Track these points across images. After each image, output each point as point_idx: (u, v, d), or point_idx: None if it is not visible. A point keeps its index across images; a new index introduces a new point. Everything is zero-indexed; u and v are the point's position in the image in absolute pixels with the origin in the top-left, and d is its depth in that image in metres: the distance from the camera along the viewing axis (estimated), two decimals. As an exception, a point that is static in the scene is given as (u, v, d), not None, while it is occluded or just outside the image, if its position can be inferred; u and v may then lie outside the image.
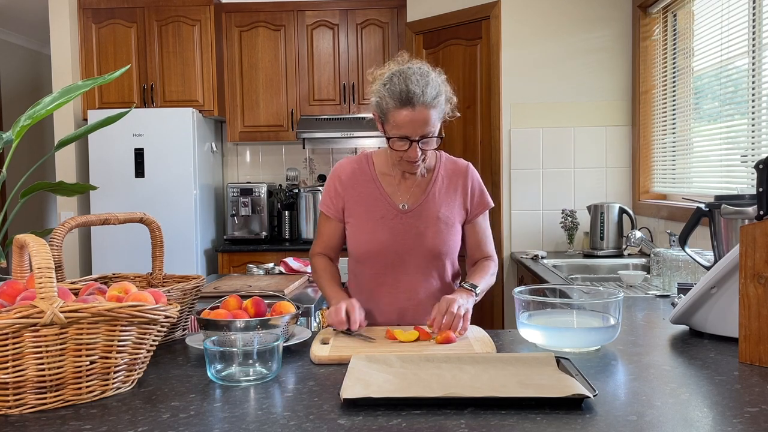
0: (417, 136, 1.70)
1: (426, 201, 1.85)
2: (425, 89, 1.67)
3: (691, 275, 2.28)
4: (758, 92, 2.60)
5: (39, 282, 1.10)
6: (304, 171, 5.04)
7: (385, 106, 1.71)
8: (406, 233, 1.83)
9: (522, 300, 1.55)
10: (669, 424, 1.04)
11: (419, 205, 1.84)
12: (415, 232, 1.83)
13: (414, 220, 1.83)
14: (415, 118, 1.68)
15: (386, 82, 1.71)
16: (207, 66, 4.51)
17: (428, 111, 1.68)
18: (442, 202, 1.85)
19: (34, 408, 1.13)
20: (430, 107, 1.68)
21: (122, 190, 4.32)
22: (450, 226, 1.85)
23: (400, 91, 1.67)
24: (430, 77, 1.71)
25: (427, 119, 1.69)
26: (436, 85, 1.71)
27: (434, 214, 1.84)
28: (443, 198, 1.86)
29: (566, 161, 3.87)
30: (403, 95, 1.67)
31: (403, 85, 1.67)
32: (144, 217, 1.69)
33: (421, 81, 1.68)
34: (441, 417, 1.07)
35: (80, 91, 2.26)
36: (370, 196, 1.86)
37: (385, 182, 1.87)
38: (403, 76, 1.69)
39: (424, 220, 1.83)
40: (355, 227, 1.87)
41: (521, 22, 3.82)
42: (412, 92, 1.66)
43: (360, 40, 4.69)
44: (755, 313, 1.35)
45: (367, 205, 1.86)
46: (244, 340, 1.36)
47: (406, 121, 1.68)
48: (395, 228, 1.83)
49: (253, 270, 3.21)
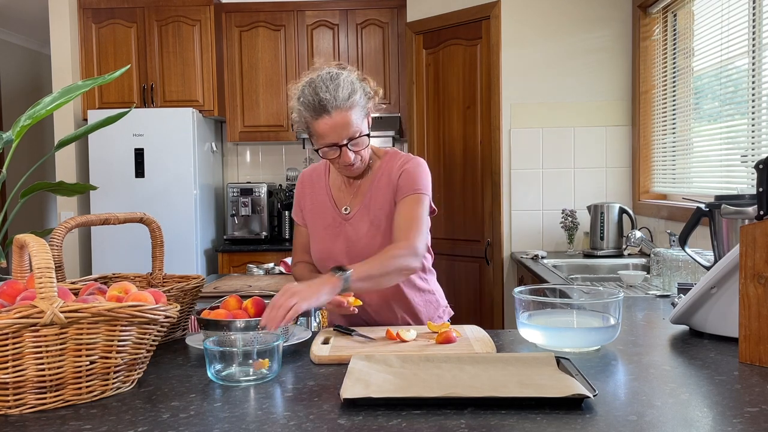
0: (343, 140, 1.68)
1: (362, 205, 1.82)
2: (336, 93, 1.65)
3: (691, 275, 2.28)
4: (758, 92, 2.60)
5: (39, 282, 1.10)
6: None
7: (305, 120, 1.70)
8: (348, 239, 1.81)
9: (522, 300, 1.55)
10: (669, 424, 1.04)
11: (357, 210, 1.82)
12: (354, 238, 1.81)
13: (353, 226, 1.82)
14: (335, 123, 1.66)
15: (299, 95, 1.70)
16: (207, 66, 4.51)
17: (345, 113, 1.66)
18: (377, 204, 1.80)
19: (34, 408, 1.13)
20: (346, 109, 1.66)
21: (122, 190, 4.32)
22: (381, 227, 1.79)
23: (312, 101, 1.66)
24: (339, 79, 1.68)
25: (347, 122, 1.67)
26: (348, 85, 1.68)
27: (367, 220, 1.80)
28: (378, 197, 1.80)
29: (566, 161, 3.86)
30: (316, 105, 1.66)
31: (314, 95, 1.66)
32: (144, 217, 1.69)
33: (330, 86, 1.66)
34: (441, 417, 1.07)
35: (80, 91, 2.26)
36: (322, 203, 1.87)
37: (335, 188, 1.87)
38: (312, 86, 1.68)
39: (359, 224, 1.81)
40: (311, 234, 1.89)
41: (521, 22, 3.82)
42: (324, 99, 1.65)
43: (360, 40, 4.69)
44: (755, 313, 1.35)
45: (318, 212, 1.87)
46: (244, 340, 1.36)
47: (327, 129, 1.67)
48: (339, 235, 1.82)
49: (253, 270, 3.21)
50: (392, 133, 4.55)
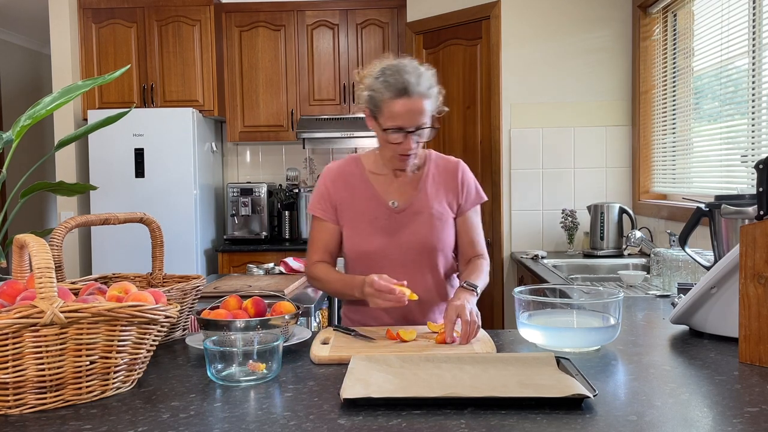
0: (413, 126, 1.71)
1: (418, 198, 1.84)
2: (420, 79, 1.69)
3: (691, 275, 2.28)
4: (758, 92, 2.60)
5: (39, 282, 1.10)
6: (304, 171, 5.04)
7: (379, 98, 1.70)
8: (400, 231, 1.82)
9: (522, 300, 1.55)
10: (669, 424, 1.04)
11: (411, 202, 1.84)
12: (408, 229, 1.82)
13: (407, 218, 1.83)
14: (412, 107, 1.68)
15: (378, 75, 1.72)
16: (207, 66, 4.51)
17: (423, 101, 1.69)
18: (434, 198, 1.85)
19: (34, 408, 1.13)
20: (425, 97, 1.70)
21: (122, 190, 4.32)
22: (443, 222, 1.85)
23: (396, 82, 1.68)
24: (422, 70, 1.73)
25: (422, 109, 1.70)
26: (429, 77, 1.73)
27: (427, 211, 1.83)
28: (434, 194, 1.85)
29: (566, 161, 3.86)
30: (399, 85, 1.67)
31: (398, 76, 1.68)
32: (144, 217, 1.69)
33: (415, 72, 1.70)
34: (441, 417, 1.07)
35: (80, 91, 2.26)
36: (362, 196, 1.86)
37: (376, 182, 1.87)
38: (396, 68, 1.70)
39: (417, 217, 1.83)
40: (350, 229, 1.86)
41: (521, 22, 3.82)
42: (408, 82, 1.68)
43: (360, 40, 4.69)
44: (755, 313, 1.35)
45: (359, 206, 1.85)
46: (244, 340, 1.36)
47: (403, 111, 1.69)
48: (389, 227, 1.83)
49: (253, 270, 3.21)
50: (392, 133, 4.54)
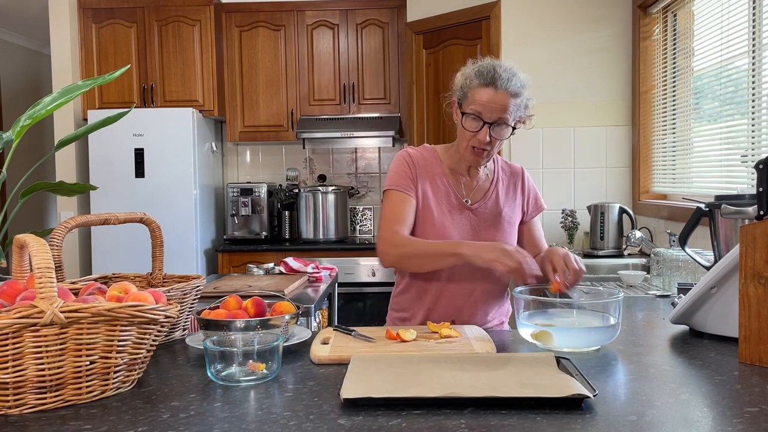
0: (492, 119, 1.73)
1: (490, 199, 1.89)
2: (511, 77, 1.73)
3: (691, 275, 2.28)
4: (758, 92, 2.60)
5: (39, 282, 1.10)
6: (304, 171, 5.04)
7: (468, 84, 1.76)
8: (471, 229, 1.85)
9: (522, 300, 1.55)
10: (669, 424, 1.04)
11: (484, 202, 1.88)
12: (479, 228, 1.86)
13: (479, 216, 1.87)
14: (495, 99, 1.72)
15: (475, 66, 1.78)
16: (207, 66, 4.51)
17: (508, 97, 1.72)
18: (505, 202, 1.90)
19: (34, 408, 1.13)
20: (510, 94, 1.73)
21: (122, 190, 4.32)
22: (512, 226, 1.90)
23: (487, 72, 1.73)
24: (518, 71, 1.77)
25: (505, 105, 1.72)
26: (523, 80, 1.77)
27: (499, 212, 1.88)
28: (504, 198, 1.90)
29: (566, 161, 3.86)
30: (489, 75, 1.73)
31: (491, 68, 1.74)
32: (144, 217, 1.69)
33: (509, 70, 1.75)
34: (441, 417, 1.07)
35: (80, 91, 2.26)
36: (439, 187, 1.87)
37: (452, 177, 1.89)
38: (493, 62, 1.77)
39: (490, 217, 1.87)
40: (424, 216, 1.85)
41: (521, 22, 3.82)
42: (499, 75, 1.73)
43: (360, 40, 4.69)
44: (755, 313, 1.35)
45: (436, 195, 1.86)
46: (244, 340, 1.36)
47: (485, 100, 1.72)
48: (461, 223, 1.85)
49: (253, 270, 3.21)
50: (392, 133, 4.55)
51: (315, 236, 4.64)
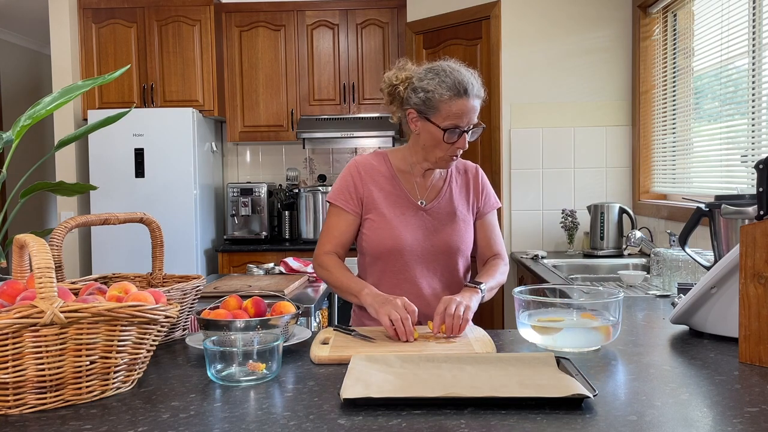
0: (468, 125, 1.78)
1: (444, 199, 1.90)
2: (475, 82, 1.78)
3: (691, 275, 2.28)
4: (758, 92, 2.60)
5: (39, 282, 1.10)
6: (304, 171, 5.04)
7: (437, 98, 1.75)
8: (426, 230, 1.86)
9: (522, 300, 1.54)
10: (669, 424, 1.04)
11: (438, 202, 1.89)
12: (434, 229, 1.87)
13: (433, 217, 1.87)
14: (470, 108, 1.77)
15: (431, 76, 1.77)
16: (207, 66, 4.51)
17: (477, 102, 1.79)
18: (458, 200, 1.91)
19: (34, 408, 1.13)
20: (478, 99, 1.79)
21: (122, 190, 4.32)
22: (467, 224, 1.90)
23: (455, 82, 1.75)
24: (475, 74, 1.82)
25: (476, 109, 1.79)
26: (479, 80, 1.81)
27: (452, 212, 1.89)
28: (458, 196, 1.91)
29: (566, 161, 3.86)
30: (459, 86, 1.75)
31: (457, 77, 1.76)
32: (144, 217, 1.69)
33: (466, 73, 1.78)
34: (441, 417, 1.07)
35: (80, 91, 2.26)
36: (391, 192, 1.88)
37: (404, 179, 1.91)
38: (449, 69, 1.78)
39: (444, 217, 1.88)
40: (377, 223, 1.86)
41: (521, 22, 3.82)
42: (467, 83, 1.76)
43: (360, 40, 4.69)
44: (755, 313, 1.35)
45: (387, 201, 1.88)
46: (244, 340, 1.36)
47: (462, 111, 1.76)
48: (416, 225, 1.86)
49: (253, 270, 3.21)
50: (392, 133, 4.55)
51: (315, 236, 4.64)
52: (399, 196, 1.88)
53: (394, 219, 1.86)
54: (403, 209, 1.87)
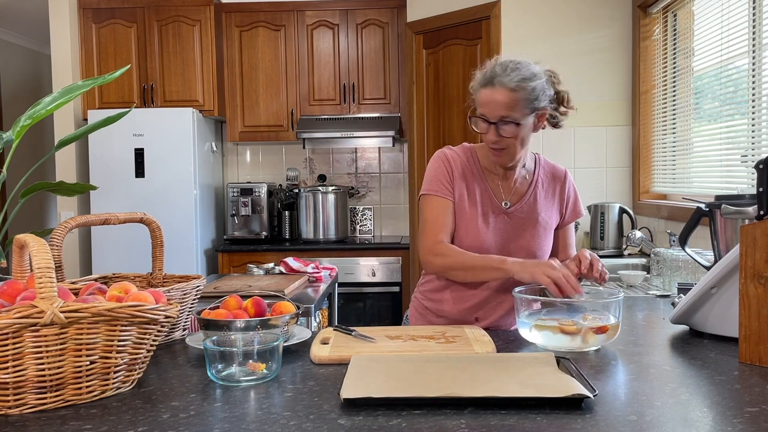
0: (494, 117, 1.71)
1: (527, 202, 1.85)
2: (510, 72, 1.70)
3: (691, 275, 2.28)
4: (758, 92, 2.60)
5: (39, 282, 1.10)
6: (304, 171, 5.04)
7: (474, 88, 1.76)
8: (506, 232, 1.83)
9: (522, 300, 1.54)
10: (669, 424, 1.04)
11: (521, 205, 1.85)
12: (514, 232, 1.83)
13: (515, 220, 1.84)
14: (492, 97, 1.70)
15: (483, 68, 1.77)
16: (207, 66, 4.51)
17: (507, 92, 1.69)
18: (543, 206, 1.86)
19: (34, 408, 1.13)
20: (510, 89, 1.69)
21: (122, 190, 4.32)
22: (548, 230, 1.86)
23: (486, 71, 1.73)
24: (522, 64, 1.74)
25: (504, 101, 1.69)
26: (525, 73, 1.72)
27: (535, 216, 1.84)
28: (543, 201, 1.87)
29: (566, 161, 3.86)
30: (487, 75, 1.72)
31: (491, 66, 1.73)
32: (144, 217, 1.69)
33: (509, 65, 1.72)
34: (441, 417, 1.07)
35: (80, 91, 2.26)
36: (477, 189, 1.84)
37: (489, 178, 1.87)
38: (497, 60, 1.76)
39: (526, 221, 1.84)
40: (460, 218, 1.82)
41: (521, 22, 3.82)
42: (495, 73, 1.71)
43: (360, 40, 4.69)
44: (755, 313, 1.35)
45: (472, 197, 1.83)
46: (244, 340, 1.36)
47: (485, 100, 1.72)
48: (497, 225, 1.83)
49: (253, 270, 3.21)
50: (392, 133, 4.55)
51: (315, 236, 4.65)
52: (483, 194, 1.84)
53: (476, 218, 1.82)
54: (485, 209, 1.83)
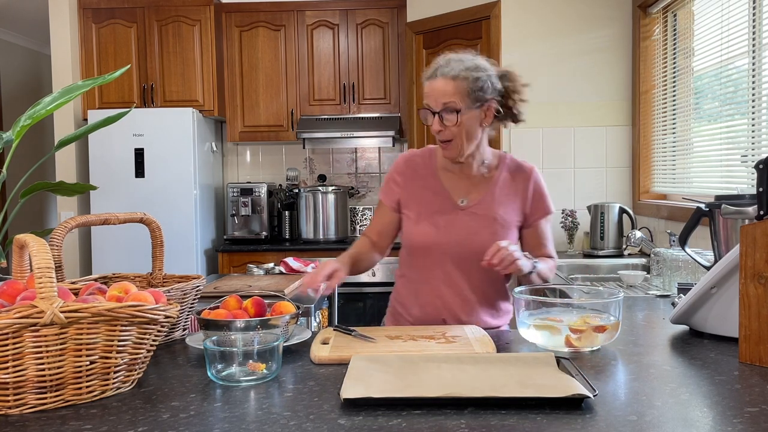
0: (437, 106, 1.75)
1: (485, 200, 1.85)
2: (453, 64, 1.76)
3: (691, 275, 2.28)
4: (758, 92, 2.60)
5: (39, 282, 1.10)
6: (304, 171, 5.04)
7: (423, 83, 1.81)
8: (461, 230, 1.83)
9: (522, 300, 1.54)
10: (669, 424, 1.04)
11: (478, 203, 1.85)
12: (470, 230, 1.83)
13: (471, 217, 1.84)
14: (435, 87, 1.76)
15: None
16: (207, 66, 4.51)
17: (448, 80, 1.75)
18: (501, 203, 1.86)
19: (34, 408, 1.13)
20: (451, 78, 1.75)
21: (122, 190, 4.32)
22: (506, 229, 1.84)
23: (431, 67, 1.79)
24: (467, 58, 1.80)
25: (445, 90, 1.74)
26: (471, 64, 1.78)
27: (491, 214, 1.84)
28: (503, 199, 1.86)
29: (566, 161, 3.86)
30: (431, 70, 1.78)
31: (436, 62, 1.79)
32: (144, 217, 1.69)
33: (454, 58, 1.78)
34: (441, 417, 1.07)
35: (80, 91, 2.26)
36: (429, 189, 1.87)
37: (445, 177, 1.88)
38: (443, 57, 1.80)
39: (481, 218, 1.84)
40: (410, 219, 1.87)
41: (521, 22, 3.82)
42: (438, 65, 1.77)
43: (360, 40, 4.69)
44: (755, 313, 1.35)
45: (424, 198, 1.87)
46: (244, 340, 1.36)
47: (429, 91, 1.77)
48: (450, 223, 1.83)
49: (253, 270, 3.21)
50: (392, 133, 4.55)
51: (315, 236, 4.64)
52: (437, 193, 1.86)
53: (427, 215, 1.84)
54: (438, 206, 1.85)
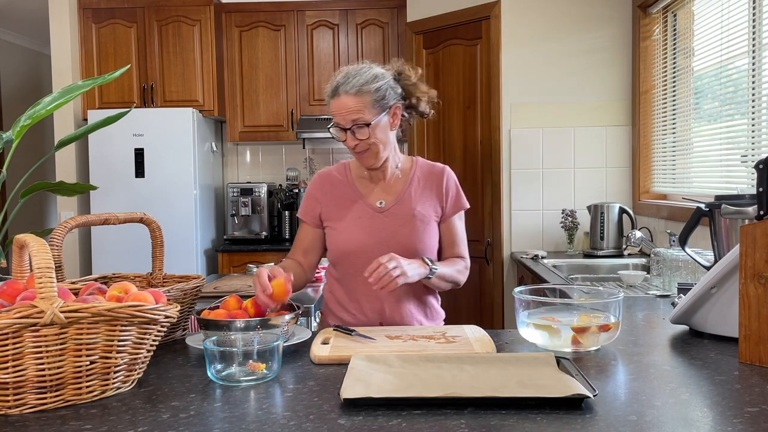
0: (347, 123, 1.79)
1: (402, 200, 1.90)
2: (350, 79, 1.78)
3: (691, 275, 2.28)
4: (758, 92, 2.60)
5: (39, 282, 1.10)
6: (304, 171, 5.04)
7: (326, 101, 1.84)
8: (383, 231, 1.86)
9: (522, 300, 1.54)
10: (669, 424, 1.04)
11: (395, 203, 1.89)
12: (391, 230, 1.86)
13: (390, 218, 1.87)
14: (340, 105, 1.78)
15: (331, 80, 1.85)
16: (207, 66, 4.51)
17: (352, 98, 1.77)
18: (418, 201, 1.90)
19: (34, 408, 1.13)
20: (353, 95, 1.77)
21: (122, 190, 4.32)
22: (426, 224, 1.88)
23: (331, 85, 1.81)
24: (362, 69, 1.81)
25: (351, 106, 1.77)
26: (369, 75, 1.79)
27: (410, 212, 1.88)
28: (419, 198, 1.90)
29: (566, 161, 3.86)
30: (332, 87, 1.80)
31: (334, 78, 1.81)
32: (144, 217, 1.69)
33: (351, 73, 1.79)
34: (441, 417, 1.07)
35: (80, 91, 2.26)
36: (347, 199, 1.91)
37: (361, 185, 1.93)
38: (340, 72, 1.82)
39: (401, 218, 1.87)
40: (333, 230, 1.90)
41: (521, 22, 3.82)
42: (337, 83, 1.78)
43: (360, 40, 4.69)
44: (755, 313, 1.35)
45: (344, 207, 1.90)
46: (244, 340, 1.36)
47: (335, 110, 1.80)
48: (372, 226, 1.87)
49: (253, 270, 3.21)
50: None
51: (315, 236, 4.64)
52: (355, 201, 1.90)
53: (348, 222, 1.88)
54: (358, 212, 1.88)
